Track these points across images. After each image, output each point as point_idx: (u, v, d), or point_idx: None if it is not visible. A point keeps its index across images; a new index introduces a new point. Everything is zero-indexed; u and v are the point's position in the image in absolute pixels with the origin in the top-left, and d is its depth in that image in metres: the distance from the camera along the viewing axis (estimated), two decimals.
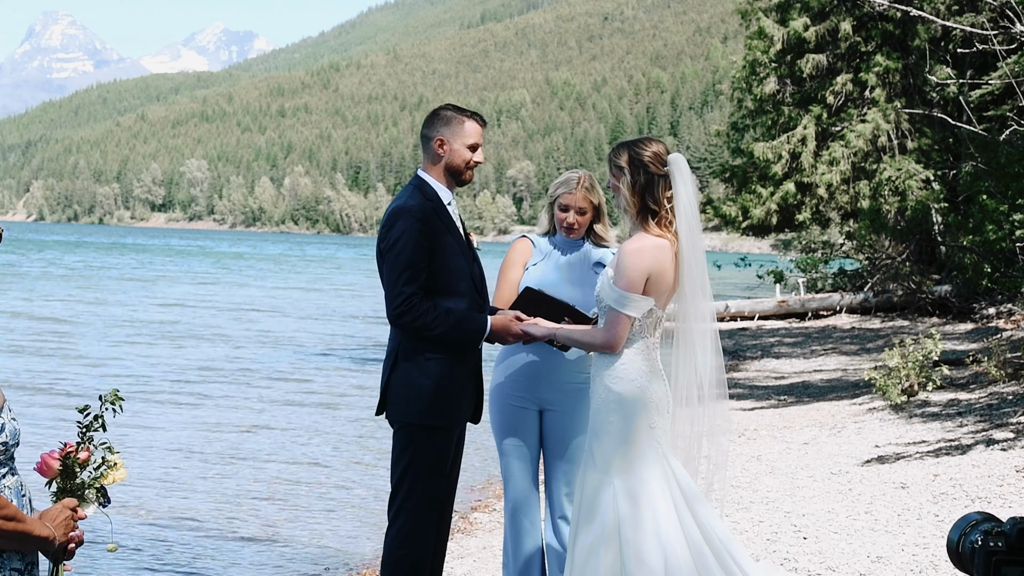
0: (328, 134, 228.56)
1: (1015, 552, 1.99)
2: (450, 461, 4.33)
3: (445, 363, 4.24)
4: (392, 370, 4.29)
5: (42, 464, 2.89)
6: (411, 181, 4.42)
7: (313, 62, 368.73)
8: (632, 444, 4.06)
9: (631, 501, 4.01)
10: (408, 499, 4.24)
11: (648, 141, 4.19)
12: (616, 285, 4.06)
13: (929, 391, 11.08)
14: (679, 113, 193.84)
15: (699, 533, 4.00)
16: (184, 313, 26.55)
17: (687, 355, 4.17)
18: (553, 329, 4.33)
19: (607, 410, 4.09)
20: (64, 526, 2.79)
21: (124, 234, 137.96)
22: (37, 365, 16.02)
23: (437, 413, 4.24)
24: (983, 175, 13.76)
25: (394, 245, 4.22)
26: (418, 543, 4.25)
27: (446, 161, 4.36)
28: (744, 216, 23.49)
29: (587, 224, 4.82)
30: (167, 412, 12.58)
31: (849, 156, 22.08)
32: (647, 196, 4.11)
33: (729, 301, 24.91)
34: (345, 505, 8.63)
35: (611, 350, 4.08)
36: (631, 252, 4.07)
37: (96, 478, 2.94)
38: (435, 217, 4.27)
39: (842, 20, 22.41)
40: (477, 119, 4.40)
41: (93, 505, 2.93)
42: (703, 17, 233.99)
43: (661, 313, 4.15)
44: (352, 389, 14.98)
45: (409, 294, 4.17)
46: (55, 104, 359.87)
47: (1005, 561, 1.99)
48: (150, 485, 9.02)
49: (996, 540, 2.02)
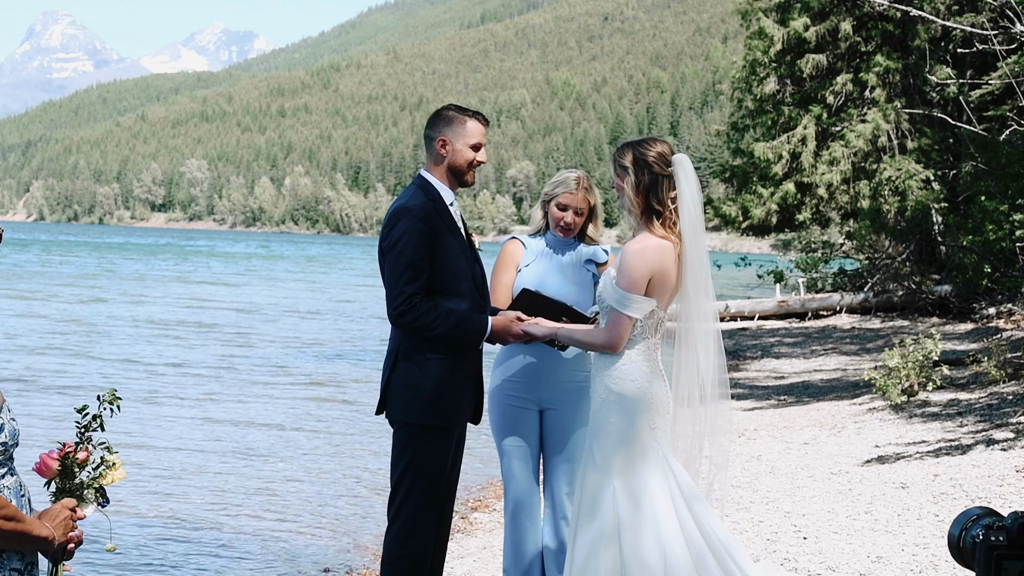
0: (328, 134, 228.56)
1: (1016, 546, 2.00)
2: (450, 461, 4.33)
3: (445, 363, 4.24)
4: (392, 369, 4.29)
5: (41, 464, 2.89)
6: (413, 181, 4.41)
7: (313, 62, 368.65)
8: (633, 445, 4.06)
9: (631, 502, 4.01)
10: (408, 499, 4.24)
11: (653, 141, 4.18)
12: (618, 285, 4.05)
13: (929, 391, 11.08)
14: (679, 113, 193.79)
15: (699, 534, 4.00)
16: (256, 319, 26.56)
17: (689, 355, 4.17)
18: (554, 329, 4.33)
19: (607, 410, 4.09)
20: (63, 526, 2.79)
21: (144, 235, 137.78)
22: (61, 363, 16.02)
23: (437, 413, 4.24)
24: (983, 175, 13.76)
25: (396, 245, 4.21)
26: (418, 543, 4.25)
27: (449, 161, 4.35)
28: (744, 216, 23.49)
29: (581, 225, 4.83)
30: (177, 409, 12.58)
31: (849, 156, 22.08)
32: (651, 196, 4.11)
33: (729, 301, 24.90)
34: (346, 505, 8.62)
35: (612, 350, 4.08)
36: (634, 252, 4.05)
37: (95, 478, 2.95)
38: (437, 217, 4.27)
39: (842, 20, 22.41)
40: (479, 119, 4.39)
41: (92, 505, 2.93)
42: (703, 17, 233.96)
43: (663, 314, 4.14)
44: (355, 387, 14.98)
45: (410, 294, 4.17)
46: (55, 104, 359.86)
47: (1006, 555, 2.00)
48: (149, 484, 9.02)
49: (997, 534, 2.02)
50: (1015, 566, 1.99)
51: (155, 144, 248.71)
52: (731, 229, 24.47)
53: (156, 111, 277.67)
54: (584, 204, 4.78)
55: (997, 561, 2.00)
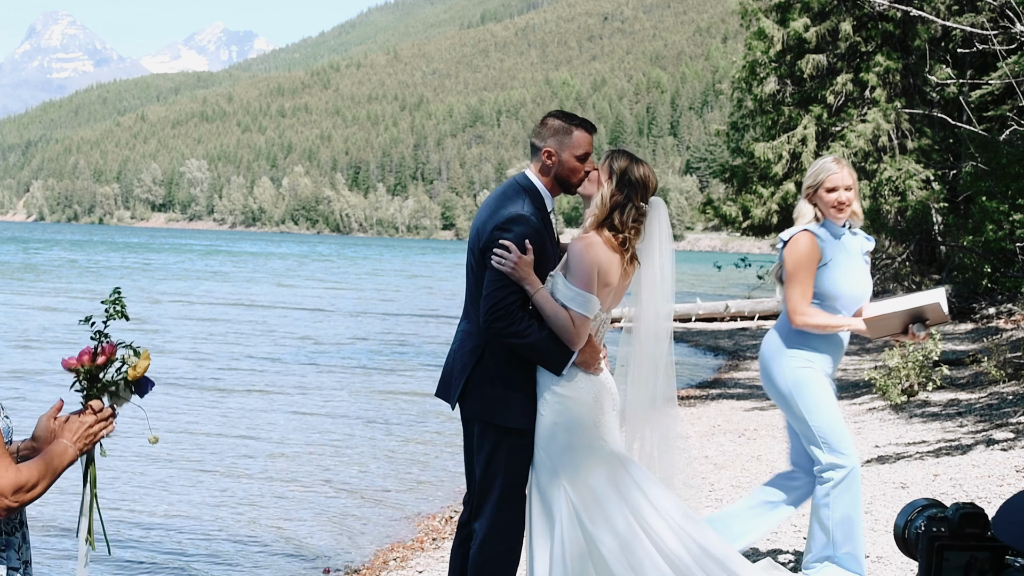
0: (328, 134, 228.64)
1: (958, 537, 1.99)
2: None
3: (532, 367, 4.22)
4: (476, 366, 4.22)
5: (70, 360, 2.98)
6: (519, 180, 4.30)
7: (313, 62, 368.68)
8: (577, 446, 4.11)
9: (581, 499, 4.07)
10: (503, 496, 4.21)
11: (648, 171, 4.22)
12: (571, 283, 4.08)
13: (929, 391, 11.08)
14: (679, 113, 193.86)
15: (657, 517, 4.06)
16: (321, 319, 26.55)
17: (643, 350, 4.23)
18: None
19: (552, 412, 4.13)
20: (83, 438, 2.91)
21: (148, 235, 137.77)
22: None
23: (528, 416, 4.22)
24: (983, 175, 13.76)
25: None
26: (515, 538, 4.25)
27: (555, 172, 4.26)
28: (744, 216, 23.49)
29: (852, 202, 4.94)
30: (189, 404, 12.58)
31: (849, 156, 22.06)
32: (616, 212, 4.15)
33: (729, 301, 24.92)
34: (346, 505, 8.62)
35: (572, 348, 4.11)
36: (583, 249, 4.10)
37: (123, 375, 3.02)
38: (543, 229, 4.21)
39: (842, 20, 22.41)
40: (586, 127, 4.26)
41: (126, 400, 3.04)
42: (703, 17, 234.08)
43: (605, 316, 4.19)
44: (357, 389, 14.98)
45: (510, 301, 4.12)
46: (55, 104, 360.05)
47: (948, 546, 1.99)
48: (149, 484, 9.02)
49: (939, 525, 2.02)
50: (957, 557, 1.98)
51: (155, 144, 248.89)
52: (731, 229, 24.48)
53: (156, 111, 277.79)
54: (850, 179, 4.89)
55: (939, 552, 2.00)
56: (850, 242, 4.99)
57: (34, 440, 2.91)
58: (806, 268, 4.91)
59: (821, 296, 4.94)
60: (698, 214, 29.71)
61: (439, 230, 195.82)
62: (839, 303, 4.93)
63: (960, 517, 1.98)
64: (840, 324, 4.90)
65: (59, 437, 2.87)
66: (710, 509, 6.93)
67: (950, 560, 1.97)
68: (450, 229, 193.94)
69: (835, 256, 4.94)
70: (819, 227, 4.95)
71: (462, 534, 4.39)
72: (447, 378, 4.36)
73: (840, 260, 4.93)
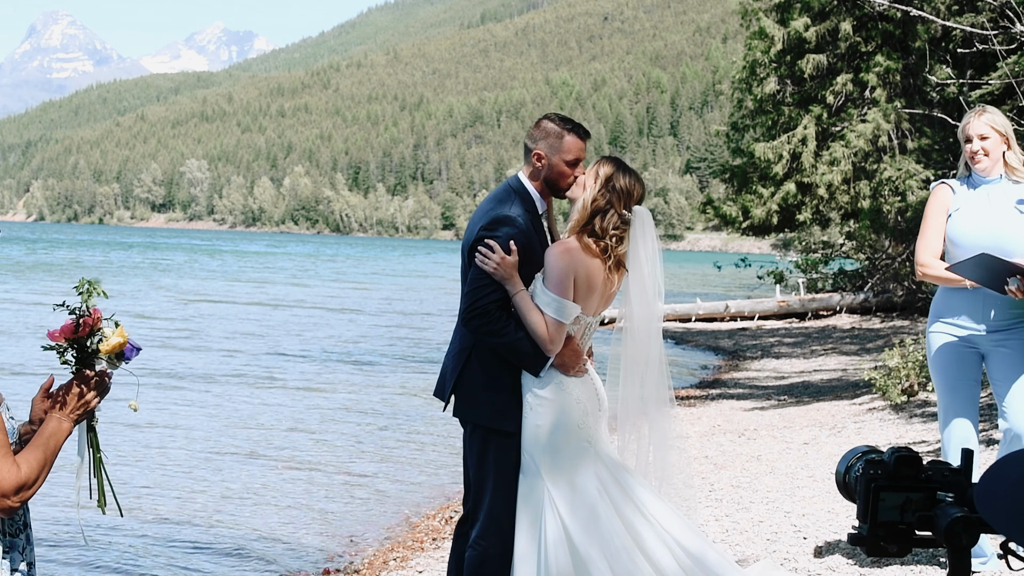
0: (328, 134, 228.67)
1: (893, 479, 2.13)
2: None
3: (519, 368, 4.22)
4: (464, 367, 4.24)
5: (53, 333, 2.99)
6: (511, 183, 4.33)
7: (313, 62, 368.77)
8: (561, 448, 4.12)
9: (566, 502, 4.08)
10: (493, 499, 4.23)
11: (634, 181, 4.21)
12: (547, 288, 4.09)
13: (929, 391, 11.07)
14: (679, 113, 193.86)
15: (648, 529, 4.07)
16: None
17: (634, 351, 4.23)
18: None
19: (535, 414, 4.14)
20: (76, 408, 2.94)
21: (156, 235, 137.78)
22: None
23: (515, 418, 4.22)
24: None
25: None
26: (503, 538, 4.26)
27: (544, 175, 4.28)
28: (744, 216, 23.49)
29: (996, 155, 4.77)
30: (190, 405, 12.58)
31: (849, 156, 22.07)
32: (597, 217, 4.15)
33: (729, 301, 24.92)
34: (346, 505, 8.62)
35: (546, 352, 4.12)
36: (558, 253, 4.11)
37: (99, 348, 3.02)
38: (532, 231, 4.23)
39: (842, 20, 22.41)
40: (579, 133, 4.27)
41: (113, 368, 3.06)
42: (703, 17, 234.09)
43: (589, 320, 4.20)
44: (359, 390, 14.98)
45: (490, 300, 4.14)
46: (55, 104, 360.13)
47: (884, 487, 2.13)
48: (149, 483, 9.02)
49: (876, 468, 2.15)
50: (892, 497, 2.13)
51: (155, 144, 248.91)
52: (731, 229, 24.48)
53: (156, 111, 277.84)
54: (987, 128, 4.76)
55: (875, 492, 2.14)
56: (994, 191, 4.85)
57: (31, 423, 2.93)
58: (929, 218, 4.91)
59: (950, 244, 4.88)
60: (698, 214, 29.72)
61: (439, 230, 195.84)
62: (965, 252, 4.78)
63: (895, 460, 2.11)
64: (944, 277, 4.82)
65: (51, 412, 2.87)
66: (710, 509, 6.94)
67: (886, 500, 2.12)
68: (450, 229, 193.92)
69: (965, 205, 4.84)
70: (962, 179, 4.89)
71: (460, 534, 4.40)
72: (442, 378, 4.39)
73: (969, 210, 4.83)
